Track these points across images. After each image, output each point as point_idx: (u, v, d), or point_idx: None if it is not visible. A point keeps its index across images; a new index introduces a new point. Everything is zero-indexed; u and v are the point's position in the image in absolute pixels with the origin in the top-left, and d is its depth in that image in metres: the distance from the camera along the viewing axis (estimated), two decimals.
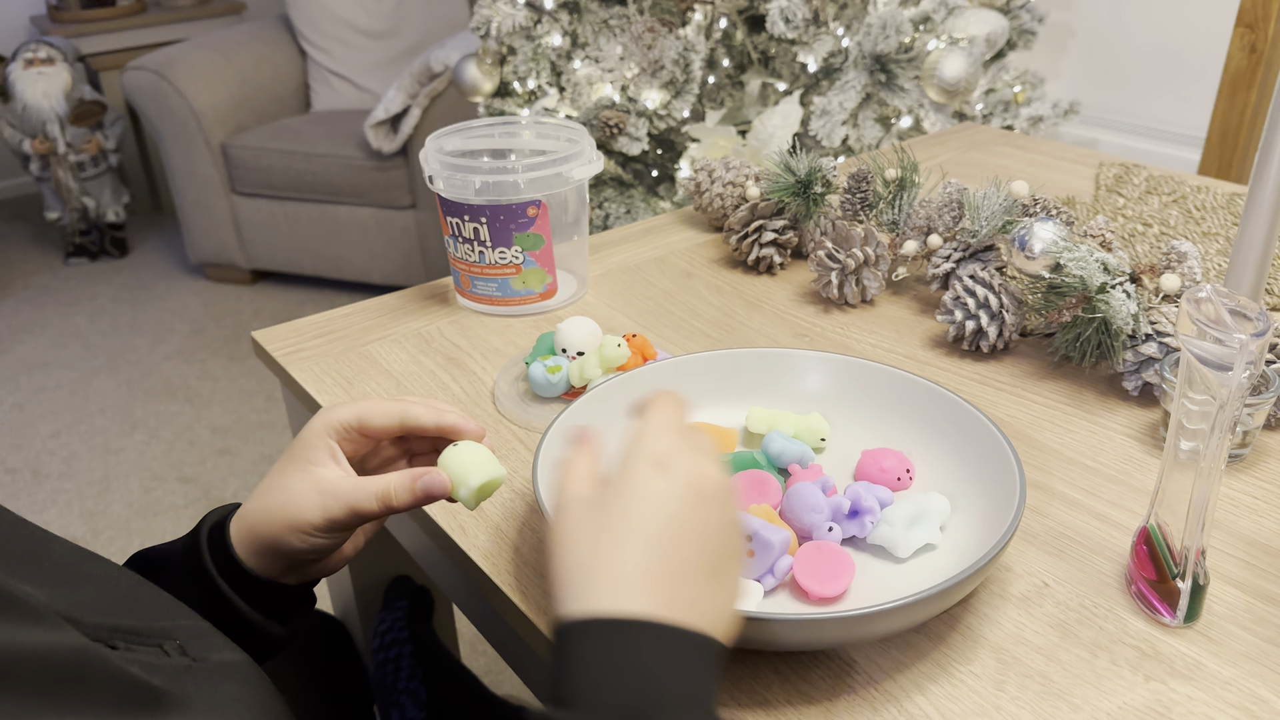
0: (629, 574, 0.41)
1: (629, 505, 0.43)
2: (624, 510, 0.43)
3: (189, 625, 0.47)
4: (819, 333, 0.88)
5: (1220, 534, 0.63)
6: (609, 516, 0.43)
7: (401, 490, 0.53)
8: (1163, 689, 0.52)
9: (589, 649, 0.40)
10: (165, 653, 0.44)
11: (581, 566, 0.42)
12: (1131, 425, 0.73)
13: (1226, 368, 0.49)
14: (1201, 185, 1.16)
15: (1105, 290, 0.74)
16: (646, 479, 0.43)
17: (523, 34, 1.86)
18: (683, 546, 0.42)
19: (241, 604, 0.55)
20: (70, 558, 0.47)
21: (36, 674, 0.34)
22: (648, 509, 0.42)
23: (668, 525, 0.42)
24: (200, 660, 0.45)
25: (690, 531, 0.43)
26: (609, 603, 0.40)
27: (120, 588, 0.47)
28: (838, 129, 1.69)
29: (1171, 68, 2.26)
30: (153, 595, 0.48)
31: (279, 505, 0.54)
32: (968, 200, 0.86)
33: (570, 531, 0.44)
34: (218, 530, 0.56)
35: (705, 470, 0.44)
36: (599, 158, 0.90)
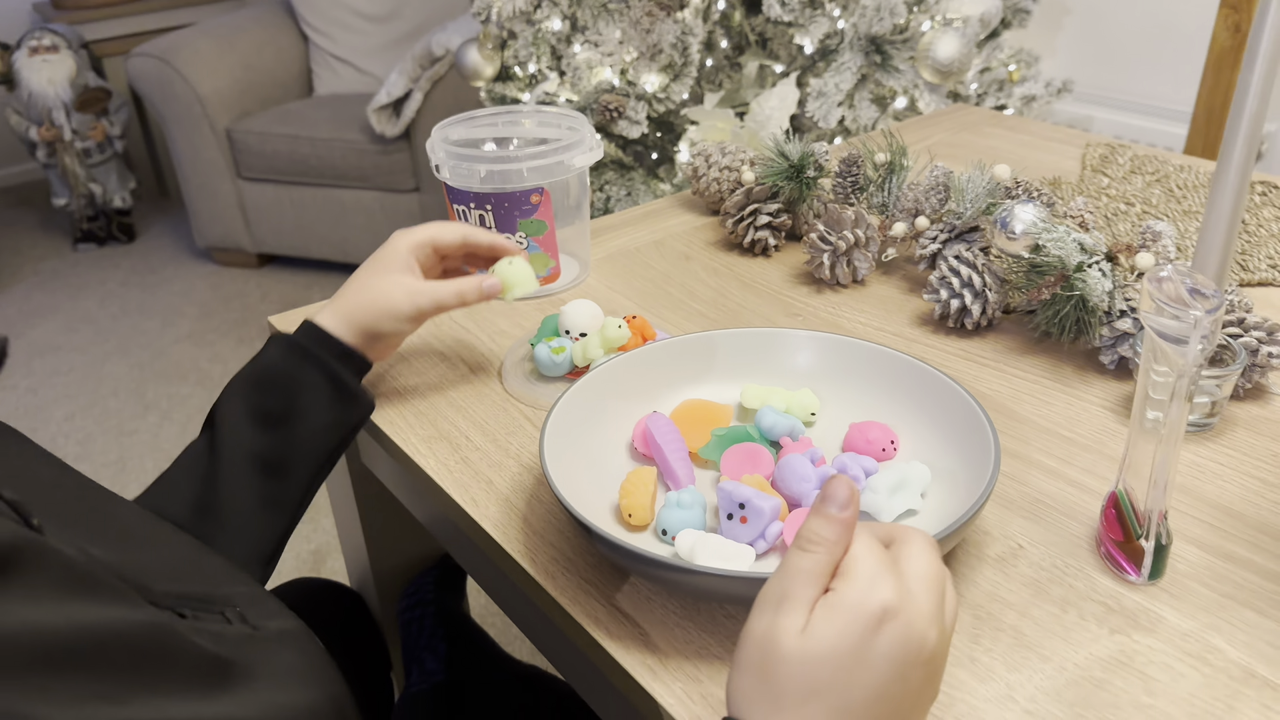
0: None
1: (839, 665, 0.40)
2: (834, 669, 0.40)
3: (247, 592, 0.50)
4: (811, 312, 0.91)
5: (1186, 498, 0.67)
6: (817, 669, 0.40)
7: (470, 289, 0.74)
8: (1126, 640, 0.56)
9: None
10: (227, 620, 0.46)
11: (772, 700, 0.41)
12: (1107, 397, 0.77)
13: (1183, 341, 0.53)
14: (1184, 164, 1.19)
15: (1082, 269, 0.78)
16: (864, 637, 0.40)
17: (523, 18, 1.89)
18: (878, 710, 0.41)
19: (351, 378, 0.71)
20: (136, 521, 0.50)
21: (123, 653, 0.37)
22: (856, 674, 0.40)
23: (871, 692, 0.40)
24: (260, 628, 0.48)
25: (888, 697, 0.41)
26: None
27: (183, 553, 0.50)
28: (834, 110, 1.72)
29: (1163, 45, 2.28)
30: (213, 561, 0.52)
31: (376, 299, 0.72)
32: (953, 183, 0.90)
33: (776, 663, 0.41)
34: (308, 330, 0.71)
35: (923, 629, 0.41)
36: (599, 145, 0.94)
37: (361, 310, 0.72)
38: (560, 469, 0.62)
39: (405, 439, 0.75)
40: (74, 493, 0.49)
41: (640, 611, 0.59)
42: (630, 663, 0.56)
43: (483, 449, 0.74)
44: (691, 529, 0.61)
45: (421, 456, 0.73)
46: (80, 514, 0.47)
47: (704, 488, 0.67)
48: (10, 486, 0.40)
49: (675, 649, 0.56)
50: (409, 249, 0.74)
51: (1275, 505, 0.66)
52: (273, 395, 0.68)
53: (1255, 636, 0.56)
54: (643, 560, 0.55)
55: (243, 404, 0.67)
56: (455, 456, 0.73)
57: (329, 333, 0.71)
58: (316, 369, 0.69)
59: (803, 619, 0.41)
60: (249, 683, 0.43)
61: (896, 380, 0.70)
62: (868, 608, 0.41)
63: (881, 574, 0.41)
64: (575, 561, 0.63)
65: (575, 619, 0.59)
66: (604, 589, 0.61)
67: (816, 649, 0.40)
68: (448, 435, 0.76)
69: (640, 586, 0.61)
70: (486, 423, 0.77)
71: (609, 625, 0.58)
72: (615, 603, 0.60)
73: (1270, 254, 0.97)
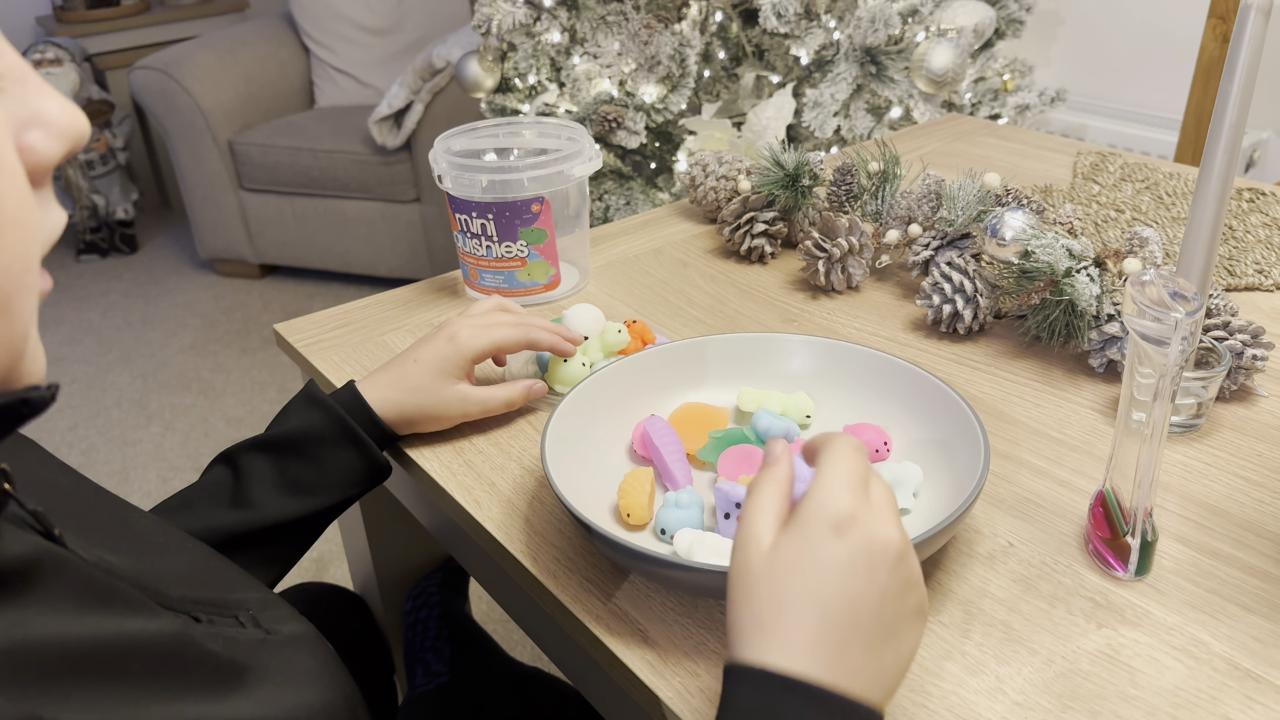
0: (801, 640, 0.42)
1: (806, 571, 0.43)
2: (802, 575, 0.43)
3: (260, 597, 0.51)
4: (807, 318, 0.93)
5: (1173, 497, 0.68)
6: (786, 579, 0.43)
7: (519, 397, 0.77)
8: (1113, 634, 0.58)
9: (755, 698, 0.42)
10: (241, 624, 0.47)
11: (757, 621, 0.44)
12: (1096, 399, 0.79)
13: (1164, 343, 0.55)
14: (1173, 172, 1.21)
15: (1071, 274, 0.80)
16: (824, 543, 0.44)
17: (523, 31, 1.91)
18: (855, 614, 0.43)
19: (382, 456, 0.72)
20: (150, 529, 0.51)
21: (142, 660, 0.38)
22: (823, 576, 0.43)
23: (842, 593, 0.43)
24: (273, 632, 0.48)
25: (864, 598, 0.43)
26: (779, 659, 0.42)
27: (197, 560, 0.51)
28: (830, 120, 1.74)
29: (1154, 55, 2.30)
30: (225, 567, 0.52)
31: (428, 404, 0.74)
32: (945, 191, 0.92)
33: (748, 584, 0.44)
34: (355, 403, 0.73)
35: (883, 532, 0.44)
36: (598, 155, 0.96)
37: (411, 406, 0.74)
38: (561, 470, 0.63)
39: (410, 443, 0.77)
40: (90, 500, 0.50)
41: (640, 609, 0.60)
42: (630, 659, 0.57)
43: (485, 452, 0.76)
44: (689, 528, 0.62)
45: (426, 460, 0.75)
46: (97, 522, 0.48)
47: (701, 488, 0.69)
48: (33, 498, 0.40)
49: (674, 645, 0.58)
50: (473, 357, 0.75)
51: (1259, 503, 0.67)
52: (303, 463, 0.69)
53: (1239, 630, 0.57)
54: (642, 558, 0.56)
55: (273, 468, 0.69)
56: (459, 460, 0.75)
57: (374, 412, 0.73)
58: (354, 449, 0.71)
59: (767, 541, 0.45)
60: (264, 685, 0.44)
61: (890, 383, 0.72)
62: (825, 517, 0.44)
63: (838, 489, 0.45)
64: (576, 561, 0.64)
65: (577, 617, 0.60)
66: (604, 587, 0.62)
67: (782, 562, 0.44)
68: (451, 439, 0.77)
69: (639, 585, 0.62)
70: (488, 426, 0.78)
71: (609, 623, 0.60)
72: (615, 601, 0.61)
73: (1257, 259, 0.99)
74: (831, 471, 0.46)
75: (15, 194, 0.31)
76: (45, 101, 0.33)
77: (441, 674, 0.93)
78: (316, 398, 0.72)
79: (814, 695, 0.42)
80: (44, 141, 0.33)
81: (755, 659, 0.43)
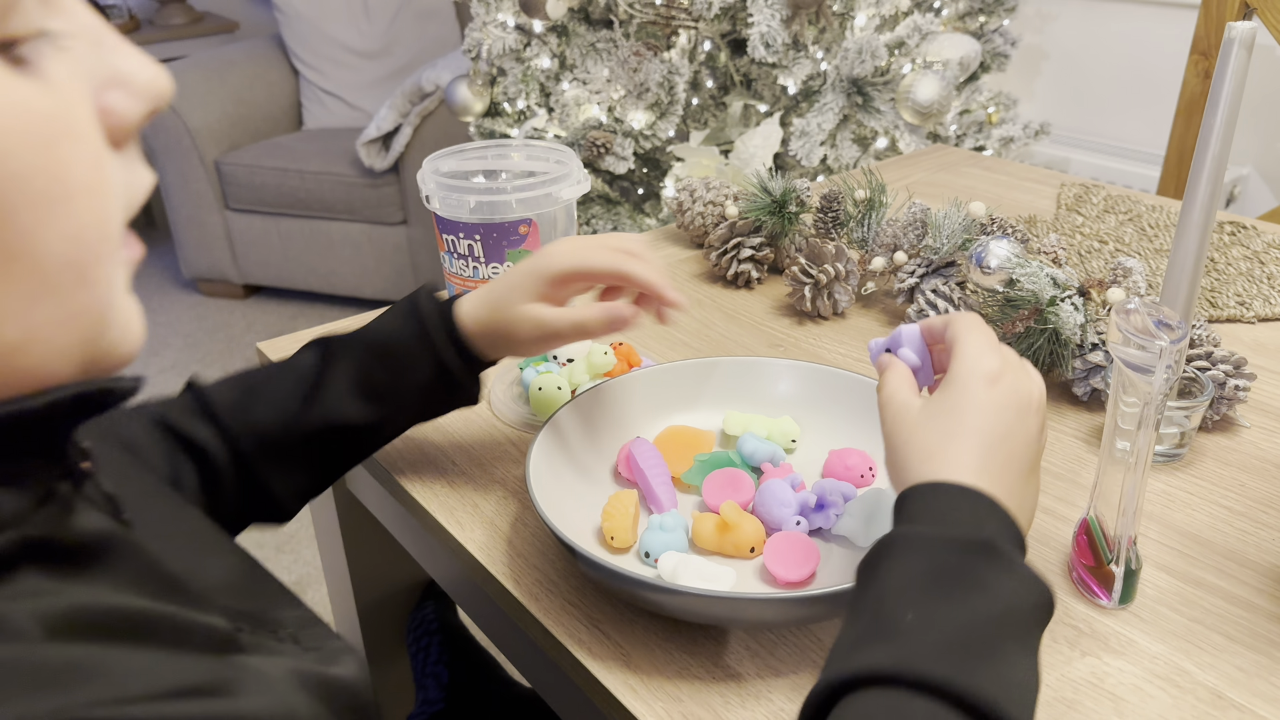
0: (967, 463, 0.49)
1: (967, 412, 0.50)
2: (962, 415, 0.50)
3: (298, 616, 0.48)
4: (793, 343, 0.93)
5: (1156, 526, 0.68)
6: (949, 420, 0.50)
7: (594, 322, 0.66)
8: (1097, 663, 0.57)
9: (937, 497, 0.48)
10: (279, 640, 0.45)
11: (923, 455, 0.50)
12: (1080, 428, 0.79)
13: (1149, 371, 0.55)
14: (1156, 204, 1.22)
15: (1055, 303, 0.80)
16: (980, 390, 0.51)
17: (512, 56, 1.92)
18: (1009, 447, 0.50)
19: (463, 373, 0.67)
20: (200, 527, 0.49)
21: (199, 647, 0.35)
22: (983, 416, 0.50)
23: (998, 429, 0.50)
24: (314, 649, 0.46)
25: (1015, 435, 0.50)
26: (949, 478, 0.48)
27: (241, 568, 0.48)
28: (816, 149, 1.75)
29: (1137, 90, 2.34)
30: (267, 580, 0.50)
31: (502, 320, 0.67)
32: (930, 220, 0.92)
33: (912, 432, 0.51)
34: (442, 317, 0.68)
35: (1028, 384, 0.53)
36: (586, 178, 0.96)
37: (490, 322, 0.68)
38: (545, 492, 0.63)
39: (392, 463, 0.76)
40: (151, 489, 0.48)
41: (622, 633, 0.60)
42: (612, 683, 0.57)
43: (468, 473, 0.75)
44: (673, 551, 0.62)
45: (408, 481, 0.74)
46: (156, 512, 0.46)
47: (685, 512, 0.68)
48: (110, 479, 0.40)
49: (656, 669, 0.57)
50: (554, 276, 0.67)
51: (1242, 533, 0.67)
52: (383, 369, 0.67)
53: (1222, 660, 0.57)
54: (626, 581, 0.56)
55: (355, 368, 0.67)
56: (441, 481, 0.74)
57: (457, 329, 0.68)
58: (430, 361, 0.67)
59: (917, 403, 0.53)
60: None
61: (875, 409, 0.71)
62: (977, 373, 0.51)
63: (983, 350, 0.53)
64: (559, 584, 0.64)
65: (558, 640, 0.60)
66: (587, 610, 0.62)
67: (943, 409, 0.51)
68: (434, 460, 0.77)
69: (622, 608, 0.62)
70: (472, 448, 0.78)
71: (591, 646, 0.59)
72: (598, 624, 0.61)
73: (1238, 291, 1.00)
74: (972, 339, 0.53)
75: (88, 159, 0.30)
76: (125, 60, 0.32)
77: (437, 701, 0.92)
78: (415, 303, 0.68)
79: (984, 499, 0.47)
80: (124, 102, 0.32)
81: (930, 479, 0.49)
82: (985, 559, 0.44)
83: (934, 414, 0.51)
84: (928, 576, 0.44)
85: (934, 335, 0.58)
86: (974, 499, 0.47)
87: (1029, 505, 0.51)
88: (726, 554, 0.64)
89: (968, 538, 0.45)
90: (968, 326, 0.55)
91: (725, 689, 0.56)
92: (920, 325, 0.59)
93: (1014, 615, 0.43)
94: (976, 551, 0.44)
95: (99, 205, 0.31)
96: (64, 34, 0.30)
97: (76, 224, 0.30)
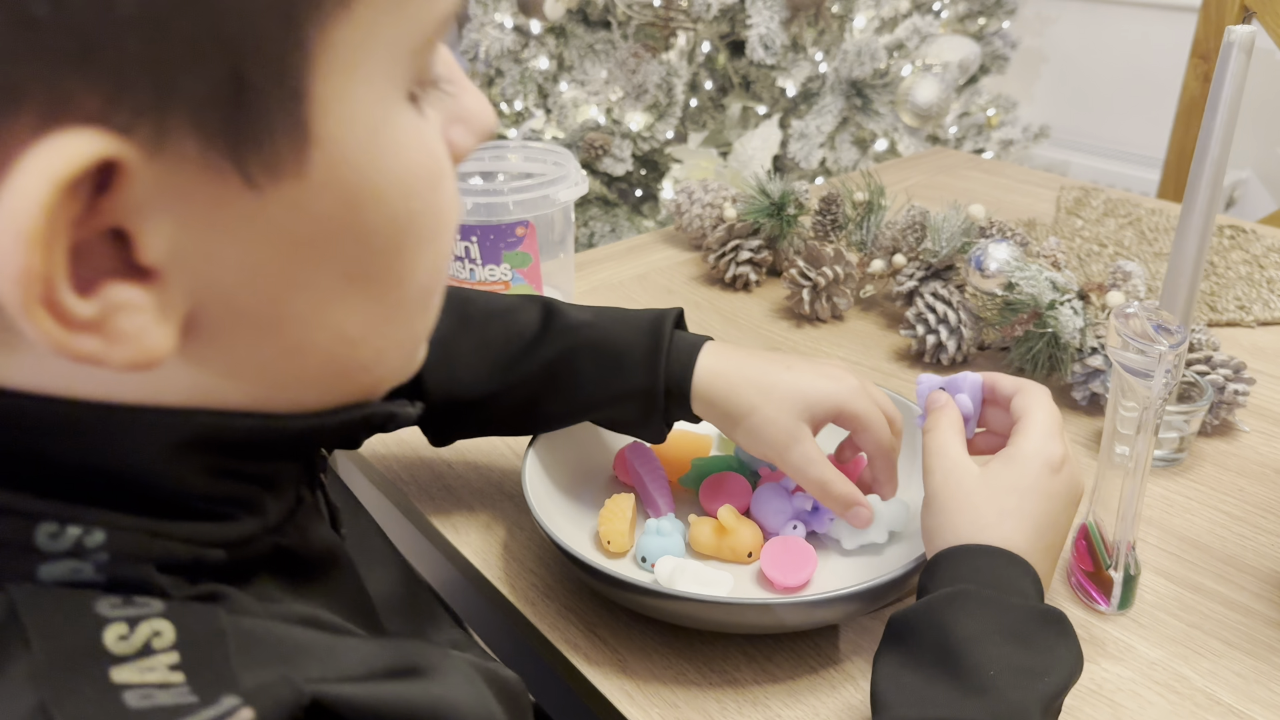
0: (1018, 546, 0.51)
1: (1027, 494, 0.52)
2: (1022, 496, 0.52)
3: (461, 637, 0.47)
4: (791, 346, 0.93)
5: (1155, 531, 0.68)
6: (1009, 498, 0.52)
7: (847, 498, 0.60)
8: (1096, 669, 0.57)
9: (984, 559, 0.50)
10: None
11: (976, 526, 0.51)
12: (1079, 432, 0.79)
13: (1148, 375, 0.55)
14: (1156, 208, 1.22)
15: (1054, 307, 0.80)
16: (1045, 476, 0.53)
17: (511, 57, 1.92)
18: (1052, 536, 0.53)
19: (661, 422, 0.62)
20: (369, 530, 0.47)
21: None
22: (1042, 502, 0.52)
23: (1050, 516, 0.52)
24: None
25: (1059, 526, 0.53)
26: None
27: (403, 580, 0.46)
28: (815, 151, 1.75)
29: (1137, 93, 2.34)
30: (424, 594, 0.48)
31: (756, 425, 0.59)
32: (929, 223, 0.92)
33: (969, 497, 0.53)
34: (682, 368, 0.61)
35: (1080, 478, 0.55)
36: (584, 180, 0.95)
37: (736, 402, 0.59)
38: (542, 496, 0.63)
39: (388, 466, 0.76)
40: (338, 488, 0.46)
41: (619, 638, 0.60)
42: (608, 688, 0.56)
43: (465, 476, 0.75)
44: (670, 556, 0.61)
45: (404, 484, 0.74)
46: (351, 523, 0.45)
47: (683, 516, 0.68)
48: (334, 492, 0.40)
49: (653, 675, 0.57)
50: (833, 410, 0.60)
51: (1241, 538, 0.67)
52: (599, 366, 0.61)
53: (1221, 665, 0.57)
54: (622, 586, 0.55)
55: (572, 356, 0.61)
56: (438, 484, 0.74)
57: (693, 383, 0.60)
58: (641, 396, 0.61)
59: (975, 468, 0.54)
60: None
61: None
62: (1043, 457, 0.53)
63: (1053, 433, 0.54)
64: (555, 588, 0.64)
65: (554, 645, 0.59)
66: (583, 616, 0.61)
67: (1003, 485, 0.52)
68: (430, 463, 0.76)
69: (619, 613, 0.61)
70: (469, 451, 0.78)
71: (587, 651, 0.59)
72: (594, 629, 0.60)
73: (1238, 295, 0.99)
74: (1042, 418, 0.55)
75: (454, 195, 0.33)
76: (468, 97, 0.33)
77: None
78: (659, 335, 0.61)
79: (1031, 574, 0.50)
80: (465, 137, 0.33)
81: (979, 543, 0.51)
82: (1056, 629, 0.47)
83: (996, 488, 0.52)
84: (1004, 635, 0.46)
85: (995, 394, 0.59)
86: (1024, 569, 0.50)
87: (1047, 589, 0.53)
88: (724, 559, 0.63)
89: (1041, 607, 0.48)
90: (1040, 403, 0.56)
91: (722, 694, 0.56)
92: (984, 378, 0.59)
93: (1068, 684, 0.46)
94: (1050, 621, 0.47)
95: (451, 237, 0.33)
96: (444, 79, 0.32)
97: (438, 255, 0.32)
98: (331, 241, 0.28)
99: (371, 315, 0.31)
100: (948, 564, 0.50)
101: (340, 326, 0.30)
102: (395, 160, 0.29)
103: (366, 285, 0.30)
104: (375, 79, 0.28)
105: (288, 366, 0.30)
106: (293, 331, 0.29)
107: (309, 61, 0.26)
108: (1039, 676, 0.44)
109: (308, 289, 0.29)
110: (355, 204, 0.28)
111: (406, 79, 0.29)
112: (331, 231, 0.28)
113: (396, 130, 0.29)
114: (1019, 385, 0.58)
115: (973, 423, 0.60)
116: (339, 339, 0.31)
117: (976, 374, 0.60)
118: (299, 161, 0.26)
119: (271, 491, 0.32)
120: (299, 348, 0.30)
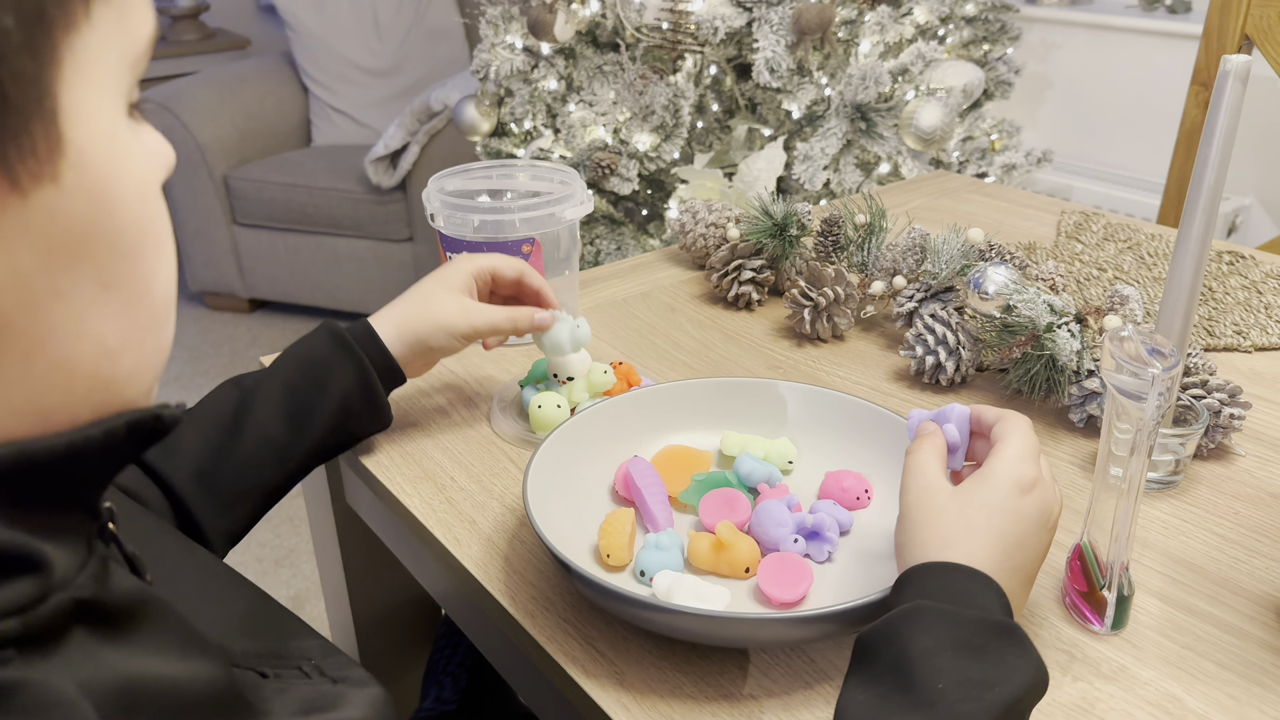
0: (981, 563, 0.51)
1: (994, 512, 0.53)
2: (989, 514, 0.53)
3: (319, 645, 0.48)
4: (792, 365, 0.94)
5: (1150, 552, 0.69)
6: (976, 515, 0.53)
7: (523, 317, 0.78)
8: (1088, 688, 0.58)
9: (953, 577, 0.50)
10: (306, 675, 0.44)
11: (943, 542, 0.52)
12: (1076, 454, 0.80)
13: (1141, 398, 0.56)
14: (1155, 233, 1.23)
15: (1052, 329, 0.81)
16: (1011, 496, 0.53)
17: (520, 77, 1.94)
18: (1021, 556, 0.53)
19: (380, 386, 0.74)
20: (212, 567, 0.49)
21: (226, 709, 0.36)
22: (1009, 521, 0.53)
23: (1018, 536, 0.53)
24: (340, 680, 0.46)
25: (1028, 547, 0.53)
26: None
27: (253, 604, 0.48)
28: (819, 173, 1.77)
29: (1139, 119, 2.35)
30: (279, 611, 0.49)
31: (434, 313, 0.75)
32: (929, 245, 0.93)
33: (937, 516, 0.54)
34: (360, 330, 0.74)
35: (1053, 502, 0.55)
36: (589, 199, 0.97)
37: (417, 320, 0.75)
38: (543, 509, 0.63)
39: (391, 479, 0.77)
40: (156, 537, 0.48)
41: (617, 650, 0.60)
42: (606, 701, 0.57)
43: (467, 489, 0.76)
44: (669, 570, 0.62)
45: (407, 496, 0.75)
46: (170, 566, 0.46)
47: (682, 531, 0.69)
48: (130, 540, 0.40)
49: (650, 688, 0.58)
50: (471, 272, 0.78)
51: (1235, 561, 0.68)
52: (307, 377, 0.72)
53: (1213, 687, 0.58)
54: (621, 599, 0.56)
55: (280, 381, 0.71)
56: (440, 497, 0.75)
57: (379, 336, 0.74)
58: (353, 366, 0.72)
59: (948, 487, 0.55)
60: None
61: (872, 432, 0.73)
62: (1014, 478, 0.54)
63: (1024, 457, 0.55)
64: (555, 601, 0.64)
65: (553, 657, 0.60)
66: (582, 628, 0.62)
67: (972, 503, 0.53)
68: (433, 476, 0.77)
69: (618, 626, 0.62)
70: (471, 464, 0.79)
71: (585, 664, 0.59)
72: (593, 642, 0.61)
73: (1235, 320, 1.00)
74: (1017, 441, 0.56)
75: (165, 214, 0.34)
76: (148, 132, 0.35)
77: (450, 702, 0.92)
78: (327, 325, 0.74)
79: (994, 588, 0.50)
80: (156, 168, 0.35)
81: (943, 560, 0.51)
82: (1009, 640, 0.47)
83: (963, 505, 0.53)
84: (955, 648, 0.46)
85: (980, 424, 0.60)
86: (985, 584, 0.50)
87: (1022, 604, 0.54)
88: (721, 574, 0.64)
89: (994, 619, 0.48)
90: (1016, 428, 0.57)
91: (718, 708, 0.56)
92: (970, 410, 0.61)
93: (1029, 694, 0.46)
94: (1003, 634, 0.47)
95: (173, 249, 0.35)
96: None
97: (171, 265, 0.34)
98: (85, 245, 0.30)
99: (127, 324, 0.32)
100: (913, 581, 0.51)
101: (101, 337, 0.31)
102: (129, 166, 0.31)
103: (119, 291, 0.31)
104: (108, 88, 0.30)
105: (55, 384, 0.30)
106: (56, 345, 0.30)
107: (59, 67, 0.27)
108: (989, 687, 0.45)
109: (66, 298, 0.30)
110: (103, 207, 0.30)
111: (125, 93, 0.31)
112: (84, 236, 0.30)
113: (127, 139, 0.31)
114: (1000, 414, 0.59)
115: (960, 453, 0.60)
116: (101, 351, 0.31)
117: (964, 406, 0.61)
118: (54, 165, 0.28)
119: (54, 542, 0.30)
120: (64, 363, 0.30)
